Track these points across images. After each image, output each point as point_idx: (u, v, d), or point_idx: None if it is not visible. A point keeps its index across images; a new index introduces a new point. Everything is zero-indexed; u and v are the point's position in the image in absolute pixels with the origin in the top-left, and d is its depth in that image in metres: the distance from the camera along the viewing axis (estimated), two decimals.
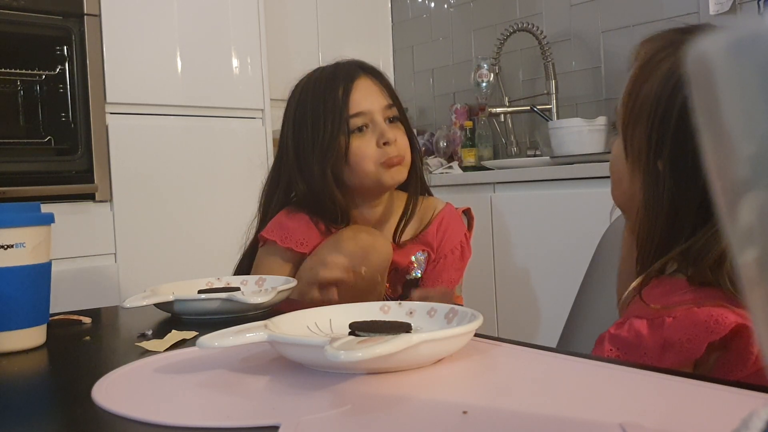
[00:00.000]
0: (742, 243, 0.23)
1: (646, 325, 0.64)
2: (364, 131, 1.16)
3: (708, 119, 0.23)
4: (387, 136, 1.15)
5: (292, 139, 1.19)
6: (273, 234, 1.18)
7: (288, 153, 1.19)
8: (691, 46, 0.22)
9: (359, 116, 1.15)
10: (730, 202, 0.23)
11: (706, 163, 0.24)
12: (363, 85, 1.18)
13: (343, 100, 1.15)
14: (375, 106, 1.17)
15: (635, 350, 0.64)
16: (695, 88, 0.23)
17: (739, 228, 0.23)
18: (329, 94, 1.15)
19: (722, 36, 0.21)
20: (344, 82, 1.16)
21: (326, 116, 1.15)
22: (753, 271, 0.23)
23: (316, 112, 1.16)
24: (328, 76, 1.18)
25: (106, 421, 0.48)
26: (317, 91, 1.17)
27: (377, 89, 1.19)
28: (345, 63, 1.21)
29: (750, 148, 0.21)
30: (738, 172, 0.22)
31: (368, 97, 1.17)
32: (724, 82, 0.22)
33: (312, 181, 1.16)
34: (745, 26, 0.21)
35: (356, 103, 1.15)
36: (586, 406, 0.45)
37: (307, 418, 0.44)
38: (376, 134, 1.16)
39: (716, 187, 0.24)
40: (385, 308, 0.69)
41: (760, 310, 0.23)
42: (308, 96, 1.18)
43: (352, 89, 1.16)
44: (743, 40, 0.21)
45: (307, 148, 1.16)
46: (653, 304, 0.65)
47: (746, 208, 0.22)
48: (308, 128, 1.16)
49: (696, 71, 0.22)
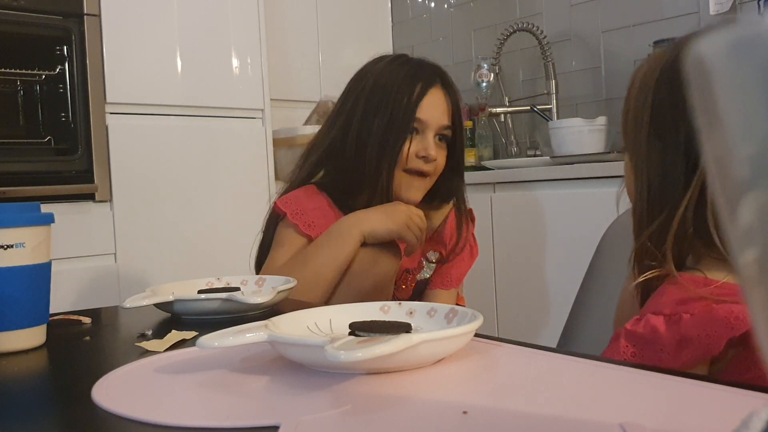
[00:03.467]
0: (742, 243, 0.23)
1: (663, 321, 0.64)
2: (414, 135, 1.17)
3: (708, 119, 0.23)
4: (429, 152, 1.16)
5: (359, 118, 1.17)
6: (287, 206, 1.19)
7: (349, 127, 1.18)
8: (690, 46, 0.22)
9: (417, 121, 1.16)
10: (730, 202, 0.23)
11: (705, 164, 0.24)
12: (436, 94, 1.18)
13: (416, 99, 1.15)
14: (435, 121, 1.17)
15: (651, 346, 0.64)
16: (695, 88, 0.23)
17: (739, 228, 0.23)
18: (406, 88, 1.16)
19: (722, 36, 0.21)
20: (423, 83, 1.17)
21: (398, 108, 1.15)
22: (753, 271, 0.23)
23: (391, 99, 1.15)
24: (411, 71, 1.18)
25: (106, 421, 0.48)
26: (397, 79, 1.17)
27: (445, 105, 1.19)
28: (429, 64, 1.22)
29: (750, 148, 0.21)
30: (738, 172, 0.22)
31: (434, 109, 1.17)
32: (724, 83, 0.22)
33: (359, 164, 1.16)
34: (745, 26, 0.21)
35: (423, 108, 1.16)
36: (586, 406, 0.45)
37: (307, 418, 0.44)
38: (420, 144, 1.16)
39: (716, 187, 0.24)
40: (385, 308, 0.69)
41: (760, 310, 0.23)
42: (384, 84, 1.17)
43: (427, 93, 1.16)
44: (743, 40, 0.21)
45: (374, 133, 1.15)
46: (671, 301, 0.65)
47: (746, 208, 0.22)
48: (381, 114, 1.15)
49: (695, 71, 0.22)
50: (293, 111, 2.81)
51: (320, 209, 1.19)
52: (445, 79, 1.21)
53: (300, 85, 2.87)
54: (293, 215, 1.17)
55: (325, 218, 1.18)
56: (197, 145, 2.31)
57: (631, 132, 0.73)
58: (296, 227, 1.17)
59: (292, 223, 1.17)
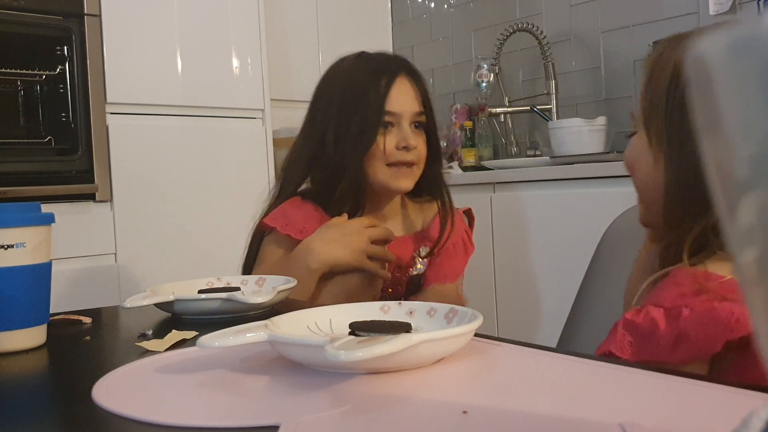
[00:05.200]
0: (742, 243, 0.23)
1: (663, 314, 0.64)
2: (389, 129, 1.17)
3: (708, 119, 0.23)
4: (408, 141, 1.16)
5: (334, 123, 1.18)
6: (275, 221, 1.19)
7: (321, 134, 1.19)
8: (690, 46, 0.22)
9: (389, 114, 1.17)
10: (730, 202, 0.23)
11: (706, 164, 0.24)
12: (403, 84, 1.19)
13: (383, 93, 1.16)
14: (406, 110, 1.18)
15: (649, 338, 0.64)
16: (695, 88, 0.23)
17: (739, 228, 0.23)
18: (372, 85, 1.17)
19: (722, 36, 0.21)
20: (387, 76, 1.17)
21: (367, 106, 1.16)
22: (753, 271, 0.23)
23: (358, 100, 1.17)
24: (374, 67, 1.19)
25: (106, 421, 0.48)
26: (360, 79, 1.18)
27: (413, 93, 1.20)
28: (390, 57, 1.24)
29: (750, 148, 0.21)
30: (738, 172, 0.22)
31: (403, 98, 1.18)
32: (724, 83, 0.22)
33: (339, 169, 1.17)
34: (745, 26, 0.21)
35: (391, 101, 1.17)
36: (586, 406, 0.45)
37: (307, 418, 0.44)
38: (398, 136, 1.17)
39: (716, 187, 0.24)
40: (385, 308, 0.69)
41: (760, 310, 0.23)
42: (351, 82, 1.19)
43: (393, 85, 1.17)
44: (743, 40, 0.21)
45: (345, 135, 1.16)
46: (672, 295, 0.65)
47: (746, 208, 0.22)
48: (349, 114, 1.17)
49: (695, 72, 0.22)
50: (293, 111, 2.80)
51: (309, 215, 1.19)
52: (409, 68, 1.22)
53: (300, 85, 2.87)
54: (283, 227, 1.17)
55: (316, 223, 1.18)
56: (197, 145, 2.31)
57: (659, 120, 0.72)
58: (287, 238, 1.17)
59: (282, 235, 1.17)
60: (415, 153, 1.18)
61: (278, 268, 1.13)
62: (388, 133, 1.17)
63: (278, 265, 1.15)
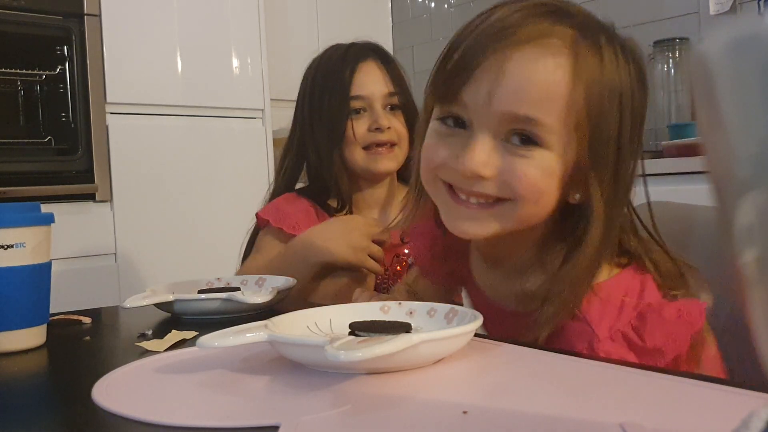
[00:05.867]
0: (742, 243, 0.23)
1: (625, 346, 0.62)
2: (361, 114, 1.18)
3: (708, 119, 0.23)
4: (380, 122, 1.16)
5: (308, 115, 1.20)
6: (268, 214, 1.19)
7: (301, 128, 1.21)
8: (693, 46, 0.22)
9: (358, 99, 1.17)
10: (730, 202, 0.23)
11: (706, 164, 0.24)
12: (368, 68, 1.19)
13: (348, 81, 1.16)
14: (375, 92, 1.18)
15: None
16: (696, 88, 0.23)
17: (739, 228, 0.23)
18: (337, 74, 1.17)
19: (723, 35, 0.21)
20: (352, 64, 1.18)
21: (333, 95, 1.16)
22: (753, 271, 0.23)
23: (325, 90, 1.18)
24: (341, 55, 1.20)
25: (106, 421, 0.48)
26: (328, 68, 1.19)
27: (381, 75, 1.19)
28: (359, 44, 1.23)
29: (750, 147, 0.21)
30: (738, 172, 0.22)
31: (370, 81, 1.18)
32: (725, 83, 0.22)
33: (318, 160, 1.18)
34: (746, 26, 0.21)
35: (357, 86, 1.17)
36: (586, 406, 0.45)
37: (307, 418, 0.44)
38: (370, 119, 1.17)
39: (716, 187, 0.24)
40: (385, 308, 0.69)
41: (760, 309, 0.23)
42: (320, 73, 1.20)
43: (357, 71, 1.17)
44: (744, 40, 0.21)
45: (318, 126, 1.18)
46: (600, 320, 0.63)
47: (746, 208, 0.22)
48: (319, 105, 1.18)
49: (697, 71, 0.22)
50: (293, 111, 2.80)
51: (302, 211, 1.19)
52: (378, 52, 1.22)
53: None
54: (276, 221, 1.18)
55: (308, 219, 1.18)
56: (197, 145, 2.31)
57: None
58: (280, 231, 1.17)
59: (275, 228, 1.18)
60: (392, 133, 1.17)
61: (276, 260, 1.13)
62: (360, 117, 1.17)
63: (276, 257, 1.15)
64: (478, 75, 0.61)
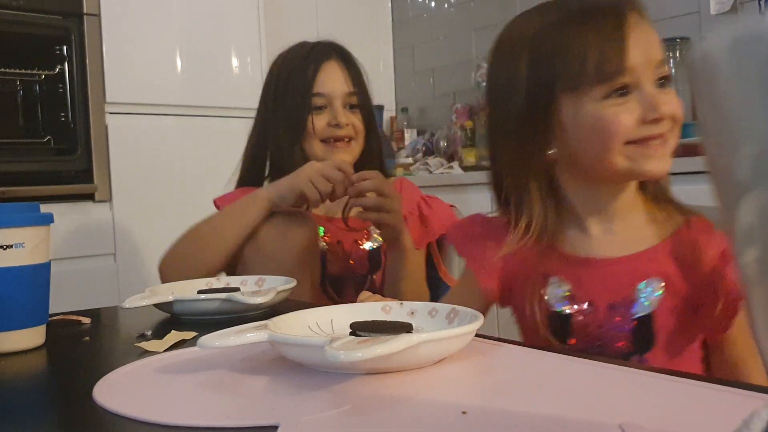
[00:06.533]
0: (742, 243, 0.23)
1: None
2: (322, 110, 1.22)
3: (709, 119, 0.23)
4: (338, 119, 1.22)
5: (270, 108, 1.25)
6: (224, 201, 1.25)
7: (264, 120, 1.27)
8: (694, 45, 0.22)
9: (319, 96, 1.22)
10: (730, 202, 0.23)
11: (707, 164, 0.24)
12: (330, 67, 1.24)
13: (311, 78, 1.22)
14: (336, 91, 1.23)
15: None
16: (697, 88, 0.23)
17: (739, 228, 0.23)
18: (301, 71, 1.23)
19: (724, 36, 0.21)
20: (315, 62, 1.23)
21: (295, 91, 1.22)
22: (753, 271, 0.23)
23: (289, 85, 1.23)
24: (305, 53, 1.25)
25: (106, 421, 0.48)
26: (293, 65, 1.25)
27: (342, 75, 1.25)
28: (322, 43, 1.28)
29: (751, 147, 0.21)
30: (739, 172, 0.22)
31: (331, 80, 1.23)
32: (726, 82, 0.22)
33: (278, 151, 1.23)
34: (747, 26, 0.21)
35: (319, 84, 1.22)
36: (585, 406, 0.45)
37: (307, 418, 0.44)
38: (330, 115, 1.22)
39: (717, 187, 0.24)
40: (386, 308, 0.69)
41: (760, 309, 0.23)
42: (285, 69, 1.26)
43: (320, 70, 1.23)
44: (745, 39, 0.21)
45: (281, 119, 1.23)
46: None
47: (746, 208, 0.22)
48: (282, 100, 1.23)
49: (698, 71, 0.22)
50: None
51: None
52: (340, 52, 1.27)
53: None
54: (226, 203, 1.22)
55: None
56: (197, 145, 2.31)
57: None
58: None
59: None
60: (349, 129, 1.23)
61: (227, 208, 1.17)
62: (321, 113, 1.22)
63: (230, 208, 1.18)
64: (632, 41, 0.72)
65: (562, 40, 0.75)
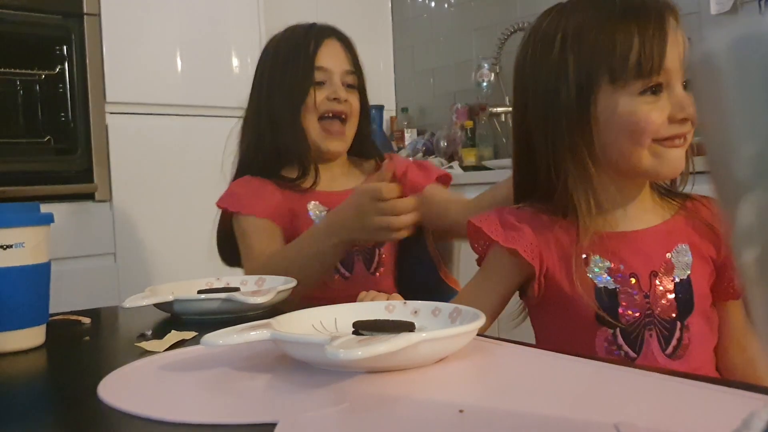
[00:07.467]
0: (742, 243, 0.23)
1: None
2: (322, 86, 1.23)
3: (710, 119, 0.23)
4: (338, 93, 1.22)
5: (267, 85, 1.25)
6: (224, 202, 1.24)
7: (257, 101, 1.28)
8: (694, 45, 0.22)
9: (320, 70, 1.23)
10: (730, 202, 0.23)
11: (707, 164, 0.24)
12: (331, 45, 1.26)
13: (312, 52, 1.23)
14: (336, 67, 1.24)
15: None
16: (699, 87, 0.23)
17: (739, 228, 0.23)
18: (302, 47, 1.24)
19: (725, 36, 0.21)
20: (316, 38, 1.25)
21: (296, 65, 1.22)
22: (753, 271, 0.23)
23: (289, 60, 1.24)
24: (304, 31, 1.27)
25: (108, 420, 0.48)
26: (292, 42, 1.26)
27: (343, 53, 1.27)
28: (320, 24, 1.31)
29: (752, 147, 0.21)
30: (739, 172, 0.22)
31: (333, 56, 1.25)
32: (727, 82, 0.22)
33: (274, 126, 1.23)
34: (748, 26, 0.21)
35: (320, 58, 1.23)
36: (583, 406, 0.45)
37: (305, 415, 0.44)
38: (329, 89, 1.23)
39: (717, 186, 0.24)
40: (389, 308, 0.69)
41: (760, 308, 0.23)
42: (283, 46, 1.26)
43: (321, 45, 1.24)
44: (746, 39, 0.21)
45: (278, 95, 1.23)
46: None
47: (746, 208, 0.22)
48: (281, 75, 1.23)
49: (698, 71, 0.22)
50: None
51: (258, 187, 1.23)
52: (338, 34, 1.29)
53: None
54: (234, 206, 1.21)
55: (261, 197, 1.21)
56: (197, 145, 2.31)
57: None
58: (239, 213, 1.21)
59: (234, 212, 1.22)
60: (347, 105, 1.23)
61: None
62: (320, 88, 1.23)
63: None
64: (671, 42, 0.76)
65: (607, 34, 0.78)
